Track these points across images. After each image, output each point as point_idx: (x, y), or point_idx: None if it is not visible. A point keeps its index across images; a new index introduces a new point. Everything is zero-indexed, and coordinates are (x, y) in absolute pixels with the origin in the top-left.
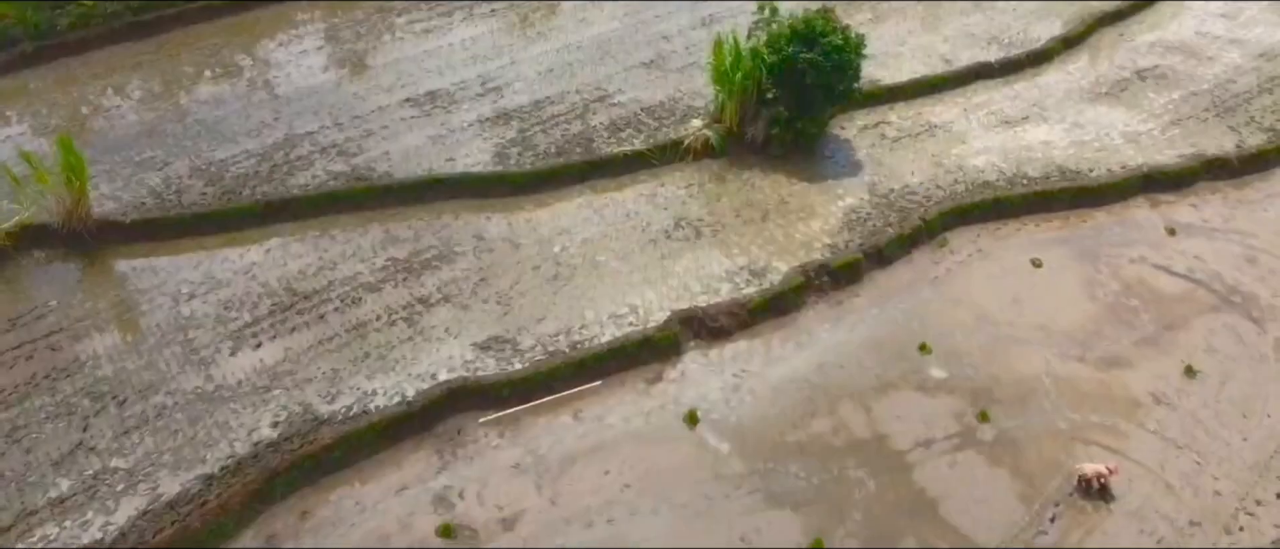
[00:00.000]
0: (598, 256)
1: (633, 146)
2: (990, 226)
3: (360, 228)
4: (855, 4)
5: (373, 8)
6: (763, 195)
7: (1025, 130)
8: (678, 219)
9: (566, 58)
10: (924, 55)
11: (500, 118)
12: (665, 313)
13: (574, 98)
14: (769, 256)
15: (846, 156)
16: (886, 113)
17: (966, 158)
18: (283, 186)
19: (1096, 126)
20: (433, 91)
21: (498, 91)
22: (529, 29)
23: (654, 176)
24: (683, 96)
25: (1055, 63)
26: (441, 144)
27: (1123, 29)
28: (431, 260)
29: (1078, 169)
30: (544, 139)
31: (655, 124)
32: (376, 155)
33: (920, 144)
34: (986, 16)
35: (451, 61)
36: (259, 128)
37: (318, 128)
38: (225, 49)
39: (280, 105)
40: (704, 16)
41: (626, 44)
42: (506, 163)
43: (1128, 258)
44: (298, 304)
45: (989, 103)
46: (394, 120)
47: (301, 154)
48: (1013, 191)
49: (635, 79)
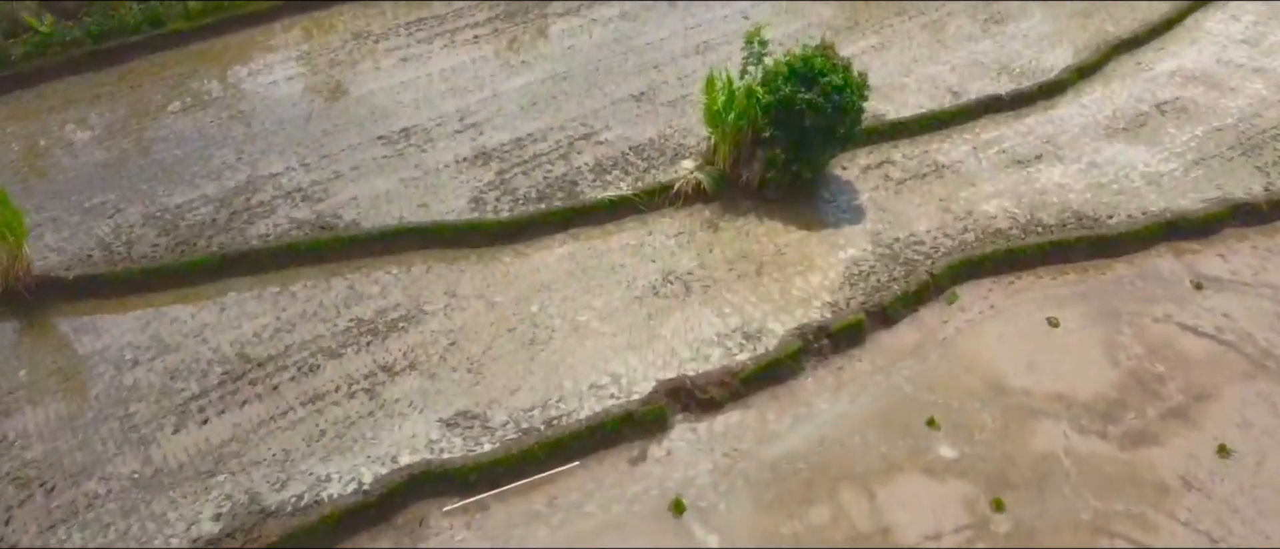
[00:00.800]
0: (579, 316)
1: (619, 190)
2: (1002, 280)
3: (323, 283)
4: (858, 31)
5: (349, 33)
6: (758, 245)
7: (1039, 170)
8: (666, 273)
9: (551, 89)
10: (930, 86)
11: (478, 158)
12: (650, 383)
13: (558, 135)
14: (764, 316)
15: (848, 200)
16: (890, 151)
17: (976, 202)
18: (241, 237)
19: (1115, 166)
20: (407, 128)
21: (477, 128)
22: (513, 57)
23: (642, 223)
24: (674, 133)
25: (1069, 95)
26: (414, 187)
27: (1139, 57)
28: (398, 321)
29: (1095, 215)
30: (524, 182)
31: (644, 164)
32: (344, 200)
33: (927, 186)
34: (996, 44)
35: (429, 94)
36: (221, 169)
37: (283, 169)
38: (191, 79)
39: (245, 143)
40: (697, 43)
41: (615, 74)
42: (483, 208)
43: (1151, 316)
44: (250, 372)
45: (1000, 139)
46: (365, 160)
47: (264, 200)
48: (1026, 241)
49: (623, 113)
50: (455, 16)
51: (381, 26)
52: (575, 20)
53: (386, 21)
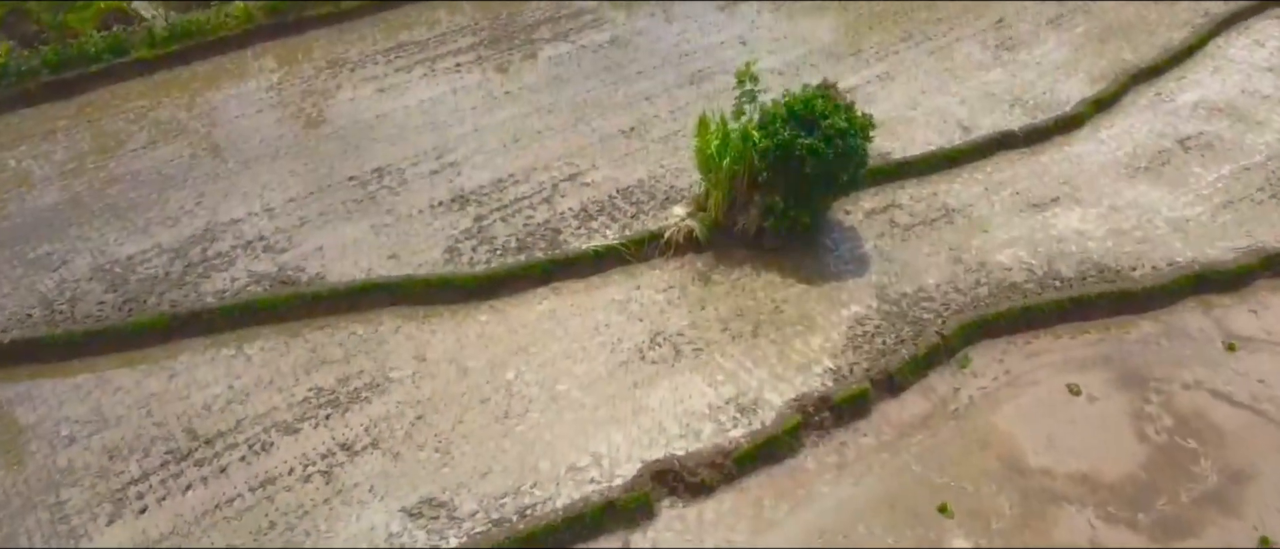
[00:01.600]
0: (558, 384)
1: (605, 239)
2: (1018, 340)
3: (282, 346)
4: (862, 59)
5: (324, 60)
6: (754, 301)
7: (1055, 215)
8: (654, 334)
9: (536, 124)
10: (939, 121)
11: (456, 201)
12: (635, 464)
13: (541, 176)
14: (760, 385)
15: (851, 249)
16: (897, 193)
17: (990, 251)
18: (195, 293)
19: (1137, 211)
20: (381, 168)
21: (454, 168)
22: (496, 88)
23: (629, 276)
24: (664, 174)
25: (1086, 129)
26: (385, 235)
27: (1160, 87)
28: (362, 390)
29: (1117, 266)
30: (504, 230)
31: (632, 210)
32: (309, 251)
33: (936, 233)
34: (1008, 73)
35: (406, 128)
36: (178, 214)
37: (245, 215)
38: (153, 112)
39: (206, 184)
40: (692, 73)
41: (604, 106)
42: (459, 260)
43: (1181, 382)
44: (197, 451)
45: (1013, 180)
46: (333, 204)
47: (222, 250)
48: (1044, 297)
49: (611, 151)
50: (438, 42)
51: (359, 53)
52: (563, 46)
53: (365, 47)
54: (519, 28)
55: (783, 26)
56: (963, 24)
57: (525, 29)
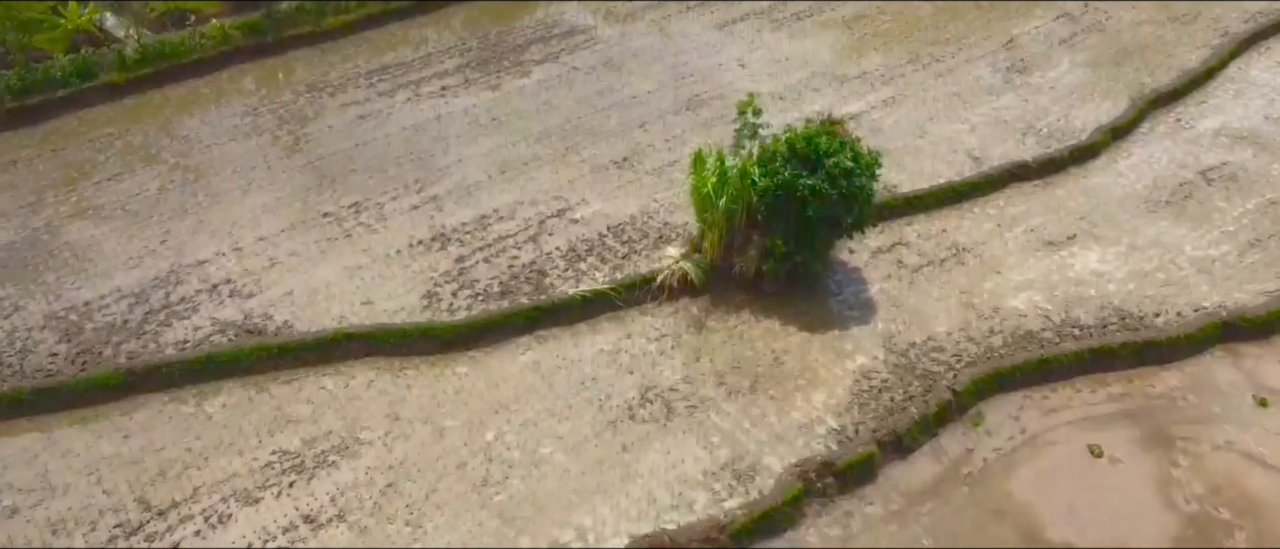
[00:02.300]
0: (541, 447)
1: (594, 282)
2: (1035, 394)
3: (245, 402)
4: (867, 82)
5: (303, 84)
6: (752, 351)
7: (1073, 255)
8: (645, 389)
9: (523, 153)
10: (948, 150)
11: (436, 240)
12: (623, 540)
13: (528, 211)
14: (759, 447)
15: (856, 294)
16: (904, 229)
17: (1004, 295)
18: (155, 344)
19: (1159, 250)
20: (358, 203)
21: (436, 203)
22: (483, 114)
23: (619, 323)
24: (658, 209)
25: (1103, 159)
26: (360, 279)
27: (1179, 113)
28: (329, 453)
29: (1140, 312)
30: (486, 272)
31: (623, 249)
32: (278, 296)
33: (947, 275)
34: (1020, 97)
35: (386, 159)
36: (141, 255)
37: (212, 255)
38: (121, 139)
39: (172, 220)
40: (688, 98)
41: (596, 134)
42: (437, 306)
43: (1211, 443)
44: (148, 524)
45: (1027, 215)
46: (306, 243)
47: (186, 295)
48: (1062, 347)
49: (603, 183)
50: (423, 64)
51: (340, 76)
52: (554, 68)
53: (347, 69)
54: (508, 48)
55: (783, 47)
56: (971, 45)
57: (515, 49)
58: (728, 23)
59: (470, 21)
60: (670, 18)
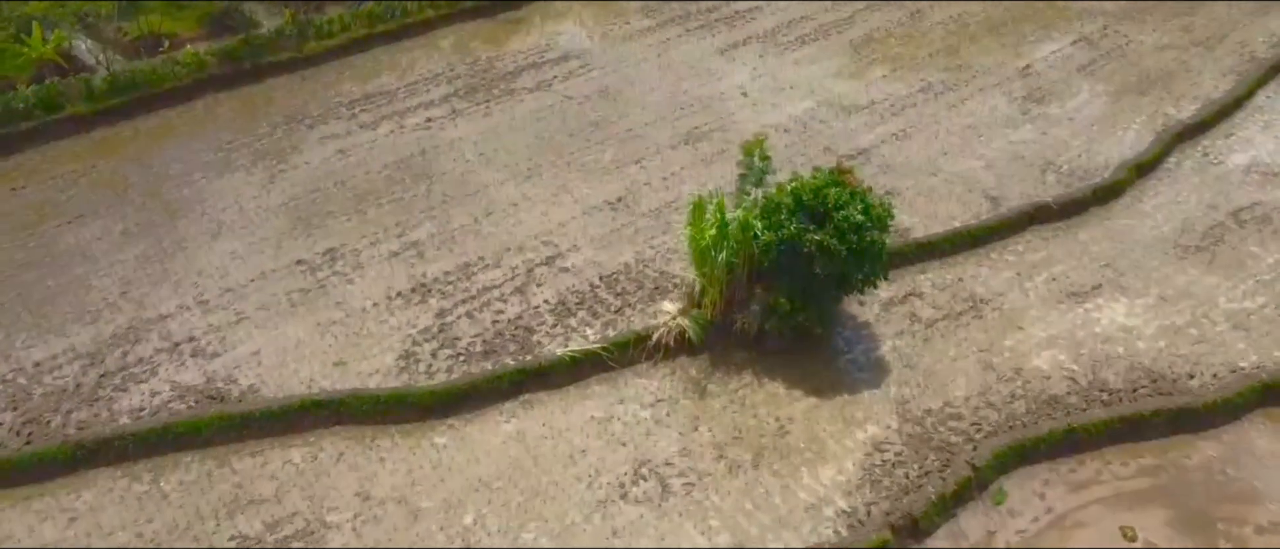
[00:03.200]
0: (524, 532)
1: (584, 341)
2: (1061, 467)
3: (204, 479)
4: (875, 113)
5: (281, 115)
6: (755, 419)
7: (1098, 307)
8: (639, 463)
9: (512, 194)
10: (963, 189)
11: (416, 291)
12: None
13: (514, 259)
14: (762, 533)
15: (867, 352)
16: (918, 278)
17: (1025, 354)
18: (108, 412)
19: (1191, 301)
20: (333, 249)
21: (417, 249)
22: (469, 149)
23: (611, 386)
24: (654, 256)
25: (1127, 199)
26: (333, 336)
27: (1206, 146)
28: (292, 539)
29: (1172, 374)
30: (469, 328)
31: (616, 302)
32: (243, 356)
33: (964, 331)
34: (1038, 130)
35: (365, 198)
36: (99, 308)
37: (175, 309)
38: (86, 177)
39: (135, 269)
40: (687, 130)
41: (589, 171)
42: (415, 368)
43: (1254, 524)
44: None
45: (1049, 262)
46: (277, 295)
47: (144, 355)
48: (1090, 415)
49: (595, 227)
50: (408, 92)
51: (320, 106)
52: (546, 98)
53: (328, 99)
54: (499, 75)
55: (788, 74)
56: (985, 71)
57: (505, 77)
58: (730, 47)
59: (460, 46)
60: (670, 42)
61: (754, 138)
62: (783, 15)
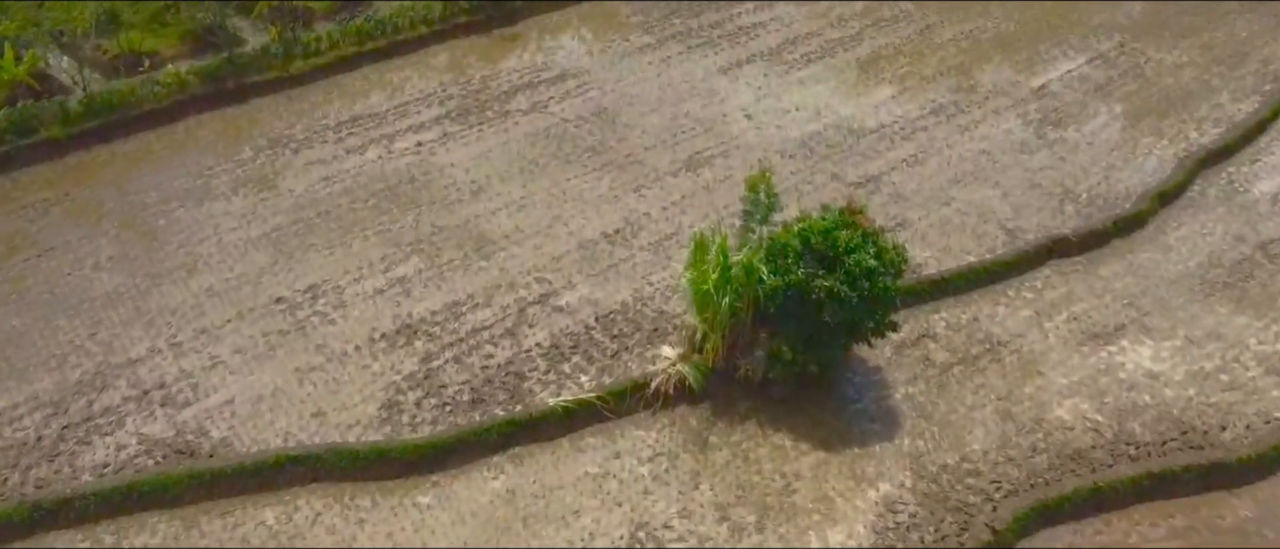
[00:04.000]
0: None
1: (579, 388)
2: (1086, 528)
3: (171, 542)
4: (885, 137)
5: (265, 138)
6: (760, 475)
7: (1123, 350)
8: (636, 526)
9: (504, 225)
10: (977, 220)
11: (401, 333)
12: None
13: (506, 297)
14: None
15: (878, 400)
16: (931, 317)
17: (1047, 404)
18: (70, 468)
19: (1220, 344)
20: (315, 286)
21: (403, 285)
22: (460, 174)
23: (608, 438)
24: (653, 294)
25: (1150, 230)
26: (312, 383)
27: (1231, 172)
28: None
29: (1203, 425)
30: (456, 375)
31: (613, 346)
32: (215, 405)
33: (981, 377)
34: (1054, 156)
35: (350, 229)
36: (66, 352)
37: (146, 352)
38: (58, 206)
39: (105, 308)
40: (689, 155)
41: (585, 201)
42: (398, 419)
43: None
44: None
45: (1069, 300)
46: (254, 337)
47: (111, 404)
48: (1117, 471)
49: (592, 262)
50: (397, 115)
51: (305, 128)
52: (541, 121)
53: (313, 121)
54: (492, 95)
55: (793, 95)
56: (998, 92)
57: (499, 97)
58: (734, 66)
59: (453, 63)
60: (671, 60)
61: (759, 172)
62: (787, 32)
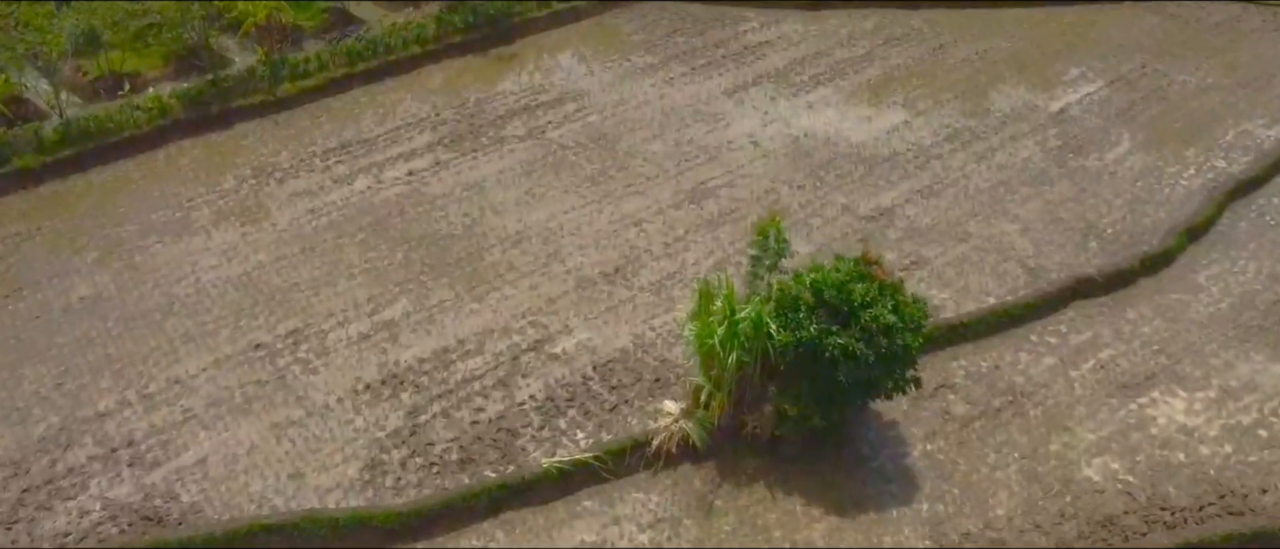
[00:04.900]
0: None
1: (575, 447)
2: None
3: None
4: (897, 165)
5: (249, 167)
6: (769, 544)
7: (1154, 403)
8: None
9: (497, 260)
10: (996, 257)
11: (386, 383)
12: None
13: (498, 343)
14: None
15: (895, 460)
16: (950, 365)
17: (1074, 463)
18: (28, 537)
19: (1257, 396)
20: (297, 331)
21: (389, 330)
22: (453, 206)
23: (605, 502)
24: (655, 339)
25: (1179, 268)
26: (290, 440)
27: (1261, 205)
28: None
29: (1243, 488)
30: (444, 432)
31: (611, 398)
32: (188, 465)
33: (1004, 432)
34: (1076, 186)
35: (336, 268)
36: (30, 404)
37: (114, 404)
38: (28, 242)
39: (74, 354)
40: (693, 186)
41: (583, 235)
42: (381, 480)
43: None
44: None
45: (1095, 345)
46: (230, 387)
47: (75, 463)
48: (1151, 540)
49: (589, 303)
50: (388, 140)
51: (291, 156)
52: (538, 148)
53: (299, 148)
54: (487, 120)
55: (801, 120)
56: (1015, 116)
57: (494, 121)
58: (739, 88)
59: (448, 84)
60: (674, 81)
61: (769, 215)
62: (794, 52)
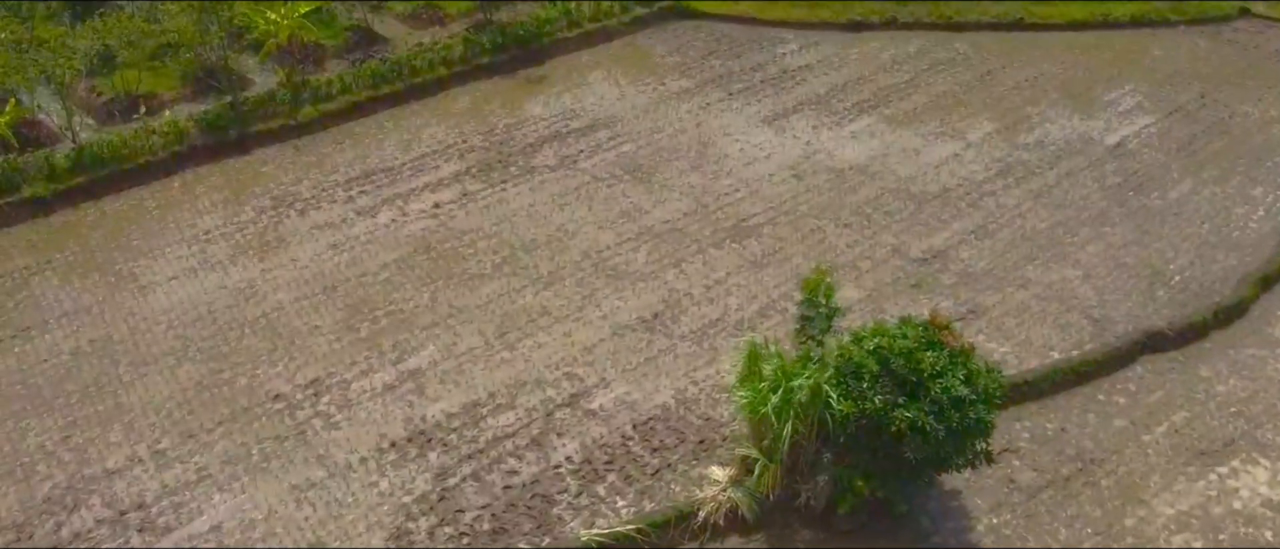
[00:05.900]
0: None
1: (615, 515)
2: None
3: None
4: (949, 202)
5: (269, 196)
6: None
7: (1234, 473)
8: None
9: (528, 303)
10: (1059, 307)
11: (413, 441)
12: None
13: (531, 397)
14: None
15: (959, 534)
16: (1014, 427)
17: (1153, 540)
18: None
19: None
20: (318, 381)
21: (416, 380)
22: (482, 243)
23: None
24: (698, 395)
25: (1253, 320)
26: (310, 504)
27: None
28: None
29: None
30: (475, 497)
31: (653, 462)
32: (200, 533)
33: (1074, 504)
34: (1139, 228)
35: (358, 311)
36: (35, 458)
37: (124, 461)
38: (37, 277)
39: (82, 403)
40: (734, 223)
41: (619, 276)
42: None
43: None
44: None
45: (1168, 406)
46: (247, 443)
47: (80, 528)
48: None
49: (627, 353)
50: (413, 170)
51: (312, 186)
52: (571, 178)
53: (320, 177)
54: (517, 148)
55: (846, 152)
56: (1071, 150)
57: (525, 150)
58: (779, 116)
59: (475, 108)
60: (710, 108)
61: (815, 272)
62: (836, 77)
